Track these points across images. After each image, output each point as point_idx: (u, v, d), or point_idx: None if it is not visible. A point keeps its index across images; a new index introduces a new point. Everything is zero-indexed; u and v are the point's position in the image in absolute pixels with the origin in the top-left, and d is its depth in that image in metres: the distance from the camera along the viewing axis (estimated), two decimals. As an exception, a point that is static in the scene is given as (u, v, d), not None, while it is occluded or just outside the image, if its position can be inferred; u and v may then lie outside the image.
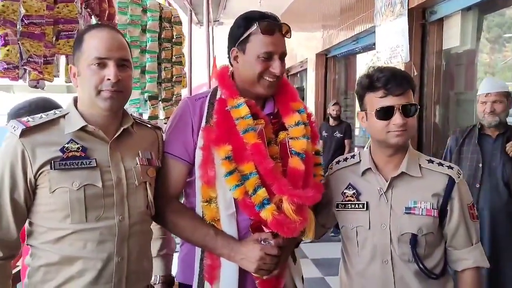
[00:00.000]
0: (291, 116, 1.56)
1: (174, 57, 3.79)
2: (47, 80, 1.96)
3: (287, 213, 1.41)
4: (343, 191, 1.61)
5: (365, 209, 1.55)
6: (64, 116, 1.42)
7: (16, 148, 1.33)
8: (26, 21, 1.75)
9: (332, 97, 7.64)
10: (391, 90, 1.46)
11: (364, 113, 1.56)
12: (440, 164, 1.55)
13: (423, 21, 4.28)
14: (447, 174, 1.52)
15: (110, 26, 1.70)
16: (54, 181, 1.34)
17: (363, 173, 1.59)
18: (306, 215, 1.48)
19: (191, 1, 5.19)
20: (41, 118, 1.40)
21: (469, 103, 4.32)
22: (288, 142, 1.53)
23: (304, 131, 1.55)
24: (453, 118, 4.46)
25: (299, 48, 8.78)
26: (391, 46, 4.44)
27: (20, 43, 1.76)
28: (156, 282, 2.02)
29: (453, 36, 4.14)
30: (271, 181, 1.44)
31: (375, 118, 1.49)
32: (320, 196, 1.52)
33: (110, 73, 1.37)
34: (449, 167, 1.55)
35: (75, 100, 1.46)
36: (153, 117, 3.50)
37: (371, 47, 5.50)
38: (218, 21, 9.12)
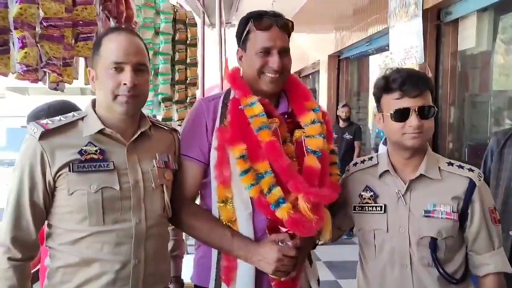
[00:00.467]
0: (306, 115, 1.56)
1: (189, 59, 3.80)
2: (66, 82, 1.98)
3: (303, 211, 1.40)
4: (360, 193, 1.60)
5: (383, 212, 1.53)
6: (82, 119, 1.44)
7: (36, 150, 1.35)
8: (45, 24, 1.76)
9: (344, 98, 7.61)
10: (407, 92, 1.44)
11: (381, 115, 1.54)
12: (460, 167, 1.53)
13: (438, 22, 4.25)
14: (467, 177, 1.50)
15: (129, 30, 1.71)
16: (72, 183, 1.35)
17: (381, 175, 1.58)
18: (323, 214, 1.47)
19: (203, 3, 5.21)
20: (60, 120, 1.41)
21: (485, 105, 4.27)
22: (304, 140, 1.53)
23: (320, 129, 1.54)
24: (469, 119, 4.41)
25: (311, 49, 8.76)
26: (405, 48, 4.41)
27: (39, 45, 1.78)
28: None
29: (468, 37, 4.10)
30: (286, 179, 1.43)
31: (391, 120, 1.48)
32: (337, 195, 1.51)
33: (127, 78, 1.38)
34: (470, 169, 1.52)
35: (93, 103, 1.47)
36: (166, 119, 3.51)
37: (384, 48, 5.48)
38: (230, 23, 9.14)
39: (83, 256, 1.37)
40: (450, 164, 1.55)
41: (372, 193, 1.57)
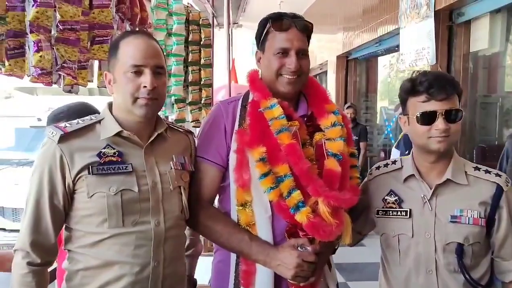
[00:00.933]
0: (327, 118, 1.55)
1: (203, 59, 3.77)
2: (81, 85, 1.98)
3: (323, 215, 1.39)
4: (384, 198, 1.58)
5: (408, 217, 1.52)
6: (99, 122, 1.44)
7: (55, 153, 1.35)
8: (61, 27, 1.76)
9: (353, 99, 7.60)
10: (434, 95, 1.43)
11: (406, 118, 1.53)
12: (487, 172, 1.51)
13: (450, 23, 4.22)
14: (494, 182, 1.48)
15: (146, 32, 1.71)
16: (92, 186, 1.35)
17: (406, 179, 1.56)
18: (343, 219, 1.45)
19: (213, 3, 5.20)
20: (78, 123, 1.41)
21: (497, 106, 4.24)
22: (325, 143, 1.51)
23: (341, 132, 1.53)
24: (481, 121, 4.37)
25: (318, 50, 8.74)
26: (416, 49, 4.38)
27: (54, 48, 1.78)
28: None
29: (481, 38, 4.07)
30: (306, 182, 1.41)
31: (417, 123, 1.46)
32: (357, 199, 1.49)
33: (147, 80, 1.37)
34: (497, 174, 1.50)
35: (110, 106, 1.47)
36: (180, 120, 3.50)
37: (394, 49, 5.45)
38: (237, 23, 9.14)
39: (103, 259, 1.36)
40: (477, 168, 1.53)
41: (396, 198, 1.55)
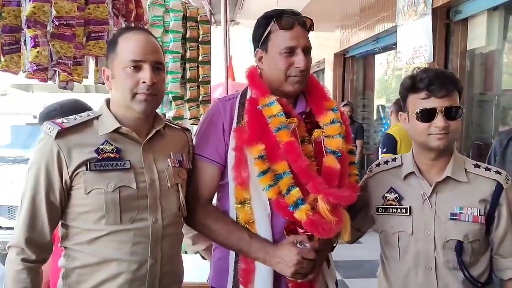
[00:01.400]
0: (326, 115, 1.54)
1: (201, 56, 3.73)
2: (76, 81, 1.96)
3: (322, 213, 1.38)
4: (384, 195, 1.58)
5: (407, 214, 1.51)
6: (97, 118, 1.42)
7: (52, 149, 1.33)
8: (56, 22, 1.74)
9: (350, 97, 7.60)
10: (434, 92, 1.42)
11: (406, 115, 1.52)
12: (487, 169, 1.51)
13: (447, 21, 4.23)
14: (494, 180, 1.48)
15: (144, 29, 1.70)
16: (89, 182, 1.34)
17: (405, 177, 1.56)
18: (342, 216, 1.44)
19: (210, 1, 5.19)
20: (75, 119, 1.40)
21: (494, 104, 4.25)
22: (323, 140, 1.51)
23: (340, 129, 1.52)
24: (477, 119, 4.38)
25: (315, 48, 8.71)
26: (413, 46, 4.39)
27: (50, 44, 1.76)
28: None
29: (478, 36, 4.08)
30: (305, 179, 1.41)
31: (416, 120, 1.46)
32: (356, 196, 1.49)
33: (146, 76, 1.36)
34: (497, 172, 1.50)
35: (108, 102, 1.46)
36: (178, 118, 3.47)
37: (391, 47, 5.45)
38: (234, 21, 9.13)
39: (100, 256, 1.35)
40: (477, 166, 1.52)
41: (396, 195, 1.55)
